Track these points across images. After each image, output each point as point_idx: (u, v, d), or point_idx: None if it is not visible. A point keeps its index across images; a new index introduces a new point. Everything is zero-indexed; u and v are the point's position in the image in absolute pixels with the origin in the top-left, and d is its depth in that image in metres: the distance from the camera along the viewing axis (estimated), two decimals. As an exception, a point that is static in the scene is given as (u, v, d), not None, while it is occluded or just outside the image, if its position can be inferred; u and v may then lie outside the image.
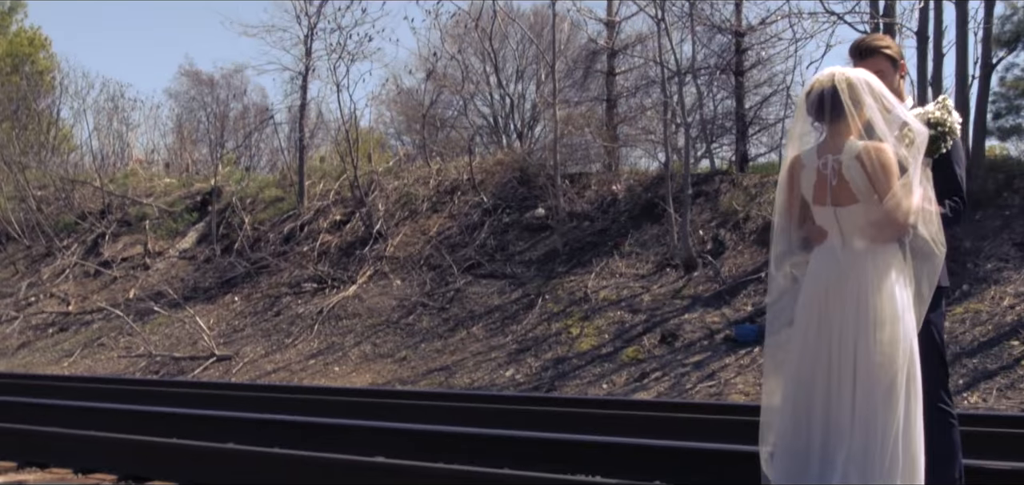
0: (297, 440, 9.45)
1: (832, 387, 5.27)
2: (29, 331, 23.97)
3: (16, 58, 39.64)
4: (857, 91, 5.31)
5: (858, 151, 5.25)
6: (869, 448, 5.16)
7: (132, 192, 28.81)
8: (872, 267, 5.30)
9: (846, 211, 5.31)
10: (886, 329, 5.23)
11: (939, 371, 5.67)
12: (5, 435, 10.06)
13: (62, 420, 11.39)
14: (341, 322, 19.95)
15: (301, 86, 25.07)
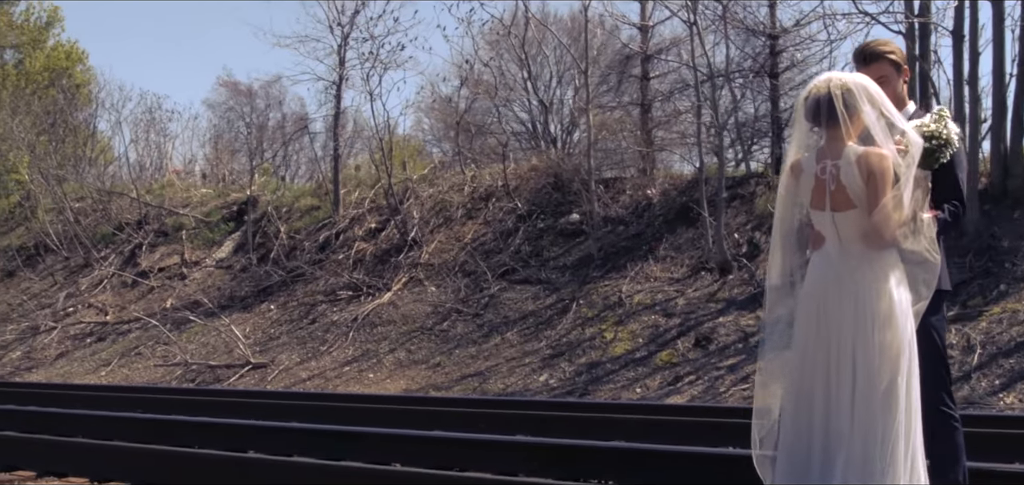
0: (313, 447, 9.47)
1: (831, 391, 5.29)
2: (68, 341, 24.12)
3: (53, 72, 40.02)
4: (854, 97, 5.30)
5: (857, 156, 5.25)
6: (868, 451, 5.17)
7: (169, 203, 28.94)
8: (869, 271, 5.31)
9: (843, 216, 5.32)
10: (884, 333, 5.24)
11: (941, 374, 5.65)
12: (25, 444, 10.11)
13: (87, 429, 11.44)
14: (376, 329, 19.96)
15: (335, 95, 25.14)
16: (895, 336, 5.24)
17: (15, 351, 24.45)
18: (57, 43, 43.84)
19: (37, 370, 22.82)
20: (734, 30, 19.41)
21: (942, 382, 5.64)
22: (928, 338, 5.52)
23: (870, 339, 5.24)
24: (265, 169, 32.57)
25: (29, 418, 12.62)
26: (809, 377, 5.36)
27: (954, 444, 5.63)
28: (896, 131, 5.34)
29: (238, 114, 42.48)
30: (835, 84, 5.33)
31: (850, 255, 5.33)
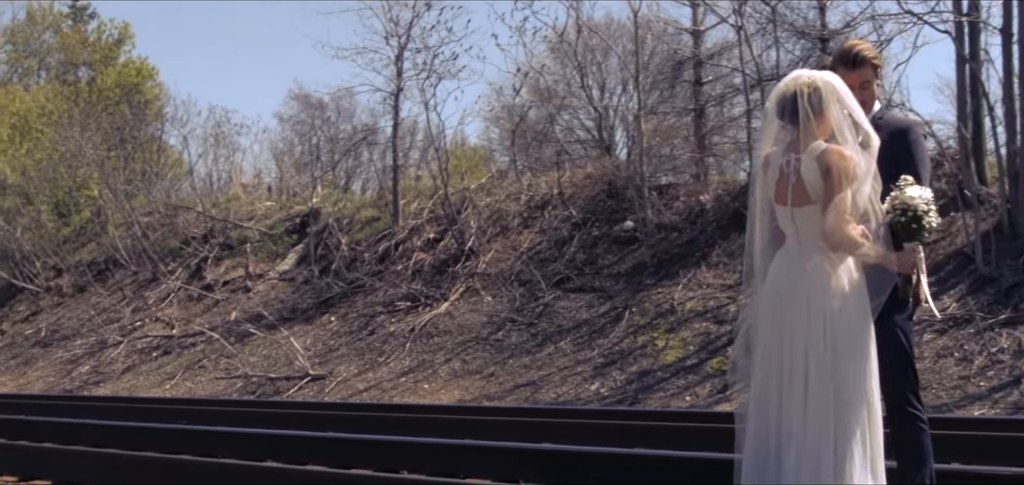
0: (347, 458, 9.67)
1: (784, 390, 5.30)
2: (134, 355, 24.56)
3: (124, 88, 40.72)
4: (821, 96, 5.33)
5: (818, 152, 5.27)
6: (820, 450, 5.19)
7: (234, 216, 29.35)
8: (824, 270, 5.32)
9: (802, 212, 5.34)
10: (837, 332, 5.25)
11: (908, 375, 5.66)
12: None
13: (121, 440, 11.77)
14: (432, 339, 20.13)
15: (393, 106, 25.35)
16: (848, 336, 5.26)
17: (84, 365, 24.94)
18: (128, 59, 44.71)
19: (105, 384, 23.27)
20: (784, 32, 19.30)
21: (908, 383, 5.66)
22: (894, 339, 5.55)
23: (823, 338, 5.27)
24: (328, 181, 32.89)
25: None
26: (767, 377, 5.40)
27: (920, 445, 5.64)
28: (861, 131, 5.37)
29: (309, 126, 42.97)
30: (804, 83, 5.37)
31: (807, 253, 5.36)
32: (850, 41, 6.17)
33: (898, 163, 5.61)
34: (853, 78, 5.69)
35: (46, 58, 46.20)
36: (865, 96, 5.68)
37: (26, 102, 36.92)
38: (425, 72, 23.37)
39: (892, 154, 5.54)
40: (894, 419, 5.66)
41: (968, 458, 8.50)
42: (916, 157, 5.68)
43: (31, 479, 10.10)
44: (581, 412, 13.95)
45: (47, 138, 34.16)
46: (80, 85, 42.36)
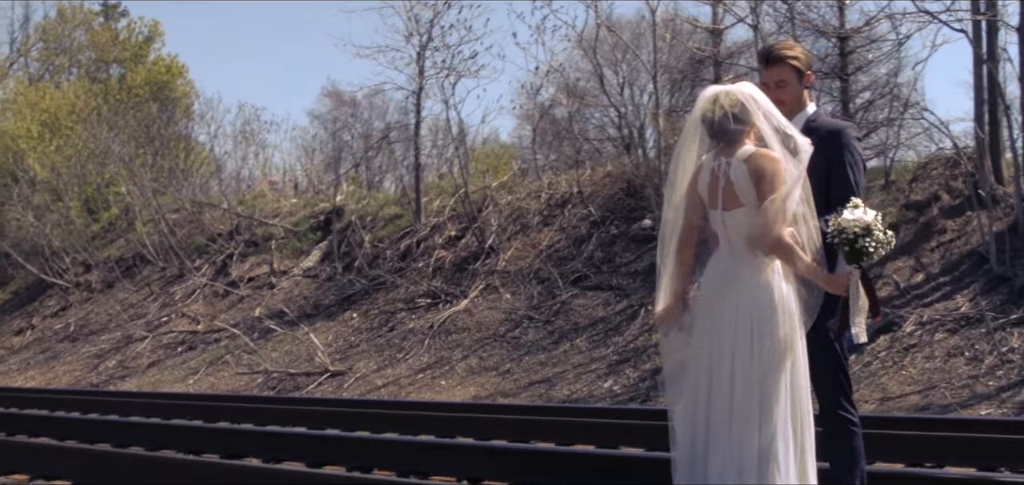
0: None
1: (713, 390, 5.36)
2: (160, 350, 24.82)
3: (154, 85, 41.05)
4: (747, 112, 5.38)
5: (747, 156, 5.32)
6: (744, 452, 5.23)
7: (259, 213, 29.58)
8: (753, 273, 5.37)
9: (731, 215, 5.40)
10: (763, 335, 5.29)
11: (839, 378, 5.72)
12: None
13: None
14: (451, 336, 20.28)
15: (415, 105, 25.51)
16: (775, 339, 5.30)
17: (110, 360, 25.22)
18: (158, 57, 44.99)
19: (130, 378, 23.53)
20: (801, 31, 19.29)
21: (841, 387, 5.72)
22: (827, 344, 5.61)
23: (749, 341, 5.31)
24: (353, 178, 33.10)
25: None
26: (696, 378, 5.47)
27: (852, 448, 5.71)
28: (789, 139, 5.42)
29: (342, 124, 43.21)
30: (730, 102, 5.41)
31: (736, 257, 5.42)
32: (774, 41, 6.22)
33: (830, 165, 5.65)
34: (769, 76, 5.78)
35: (77, 56, 46.57)
36: (781, 95, 5.71)
37: (56, 99, 37.26)
38: (445, 71, 23.49)
39: (825, 156, 5.58)
40: (827, 422, 5.73)
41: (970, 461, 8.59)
42: (846, 159, 5.70)
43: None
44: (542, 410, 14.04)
45: (77, 135, 34.49)
46: (110, 83, 42.74)
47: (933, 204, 17.67)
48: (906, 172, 19.08)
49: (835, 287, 5.44)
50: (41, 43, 47.70)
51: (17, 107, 38.19)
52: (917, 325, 15.22)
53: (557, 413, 13.24)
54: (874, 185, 18.88)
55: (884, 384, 14.18)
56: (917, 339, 14.96)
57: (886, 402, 13.61)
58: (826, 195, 5.60)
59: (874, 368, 14.65)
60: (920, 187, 18.32)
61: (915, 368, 14.34)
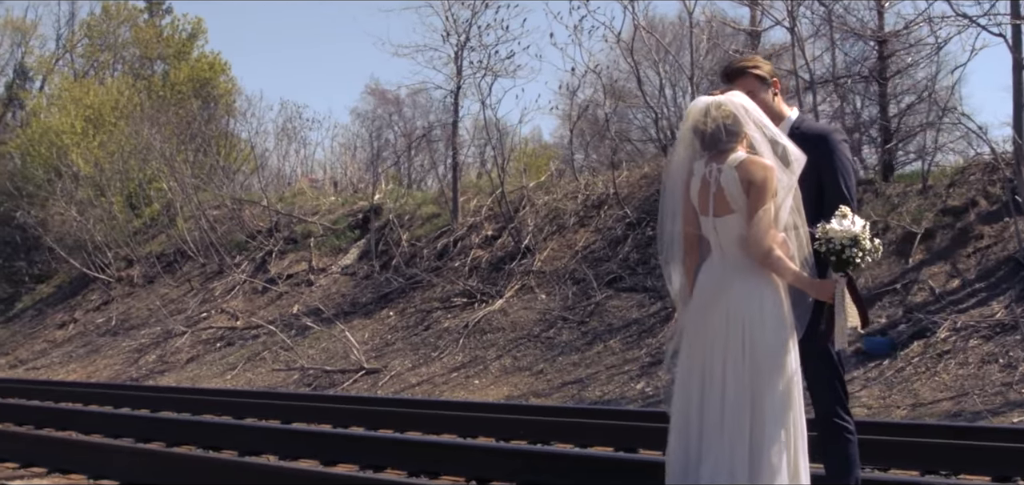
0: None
1: (705, 395, 5.40)
2: (199, 345, 25.02)
3: (197, 82, 41.36)
4: (738, 123, 5.41)
5: (739, 162, 5.35)
6: (735, 455, 5.27)
7: (298, 210, 29.76)
8: (744, 278, 5.39)
9: (722, 221, 5.43)
10: (754, 340, 5.32)
11: (835, 386, 5.74)
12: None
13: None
14: (485, 336, 20.34)
15: (453, 104, 25.59)
16: (766, 350, 5.34)
17: (150, 355, 25.45)
18: (201, 54, 45.34)
19: (169, 373, 23.74)
20: (839, 34, 19.24)
21: (836, 394, 5.74)
22: (822, 351, 5.63)
23: (741, 346, 5.35)
24: (393, 177, 33.24)
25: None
26: (688, 384, 5.52)
27: (847, 455, 5.75)
28: (778, 147, 5.44)
29: (385, 122, 43.41)
30: (723, 114, 5.43)
31: (728, 263, 5.45)
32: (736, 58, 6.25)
33: (819, 170, 5.66)
34: (735, 90, 5.78)
35: (122, 52, 46.99)
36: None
37: (100, 95, 37.61)
38: (482, 70, 23.56)
39: (813, 161, 5.59)
40: (822, 430, 5.76)
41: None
42: (836, 164, 5.70)
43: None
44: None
45: (120, 131, 34.82)
46: (153, 79, 43.11)
47: (970, 209, 17.56)
48: (944, 177, 18.98)
49: (822, 293, 5.47)
50: (86, 40, 48.16)
51: (62, 103, 38.61)
52: (951, 331, 15.14)
53: (579, 414, 13.27)
54: (911, 190, 18.81)
55: (916, 390, 14.12)
56: (951, 345, 14.88)
57: (918, 409, 13.56)
58: (818, 201, 5.61)
59: (907, 374, 14.59)
60: (957, 192, 18.21)
61: (948, 374, 14.27)
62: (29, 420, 14.14)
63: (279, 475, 8.39)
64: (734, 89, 5.73)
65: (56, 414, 14.53)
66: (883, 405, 13.84)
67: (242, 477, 8.34)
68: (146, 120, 33.51)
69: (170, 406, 16.21)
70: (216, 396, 17.54)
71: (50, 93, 44.45)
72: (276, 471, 8.75)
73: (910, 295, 16.41)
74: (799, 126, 5.85)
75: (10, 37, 51.75)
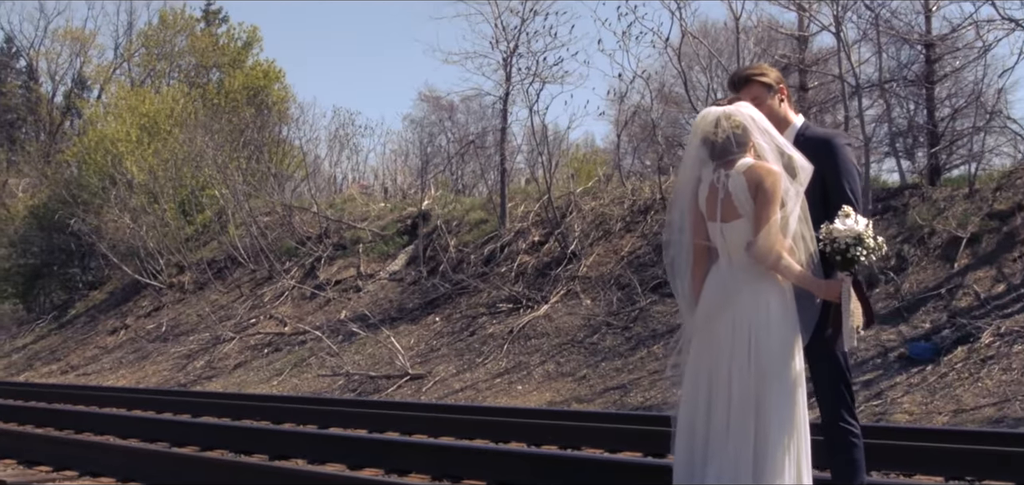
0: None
1: (712, 401, 5.42)
2: (247, 351, 25.21)
3: (251, 90, 41.71)
4: (746, 133, 5.44)
5: (747, 168, 5.36)
6: (739, 464, 5.28)
7: (348, 217, 29.92)
8: (750, 282, 5.41)
9: (730, 227, 5.45)
10: (759, 343, 5.35)
11: (841, 391, 5.73)
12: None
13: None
14: (530, 341, 20.33)
15: (502, 110, 25.63)
16: (771, 358, 5.35)
17: (198, 360, 25.67)
18: (255, 62, 45.73)
19: (216, 379, 23.93)
20: (886, 38, 19.07)
21: (842, 399, 5.74)
22: (828, 355, 5.64)
23: (747, 358, 5.38)
24: (443, 183, 33.34)
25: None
26: (696, 387, 5.53)
27: (852, 459, 5.75)
28: (784, 156, 5.45)
29: (439, 128, 43.53)
30: (731, 125, 5.46)
31: (735, 267, 5.48)
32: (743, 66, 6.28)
33: (824, 175, 5.67)
34: (739, 98, 5.81)
35: (178, 61, 47.52)
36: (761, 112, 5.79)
37: (155, 104, 38.00)
38: (530, 77, 23.60)
39: (817, 166, 5.61)
40: (829, 434, 5.76)
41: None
42: (840, 167, 5.72)
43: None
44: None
45: (174, 139, 35.16)
46: (209, 87, 43.53)
47: (1017, 213, 17.35)
48: (991, 181, 18.76)
49: (828, 294, 5.48)
50: (143, 49, 48.74)
51: (118, 111, 39.03)
52: (995, 336, 14.94)
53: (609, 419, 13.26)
54: (957, 194, 18.62)
55: (959, 396, 13.95)
56: (995, 350, 14.68)
57: (960, 414, 13.39)
58: (823, 204, 5.63)
59: (949, 379, 14.42)
60: (1004, 196, 17.99)
61: (991, 380, 14.08)
62: (68, 424, 14.31)
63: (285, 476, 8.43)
64: (741, 97, 5.77)
65: (92, 418, 14.69)
66: (925, 411, 13.69)
67: (269, 479, 8.40)
68: (199, 128, 33.80)
69: (211, 411, 16.32)
70: (254, 401, 17.65)
71: (107, 102, 44.99)
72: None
73: (954, 300, 16.22)
74: (804, 132, 5.90)
75: (69, 47, 52.55)
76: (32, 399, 20.31)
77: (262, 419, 15.22)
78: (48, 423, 14.64)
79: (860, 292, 5.55)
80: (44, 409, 16.70)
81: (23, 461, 10.71)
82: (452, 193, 32.38)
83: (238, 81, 42.58)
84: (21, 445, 11.19)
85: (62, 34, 53.04)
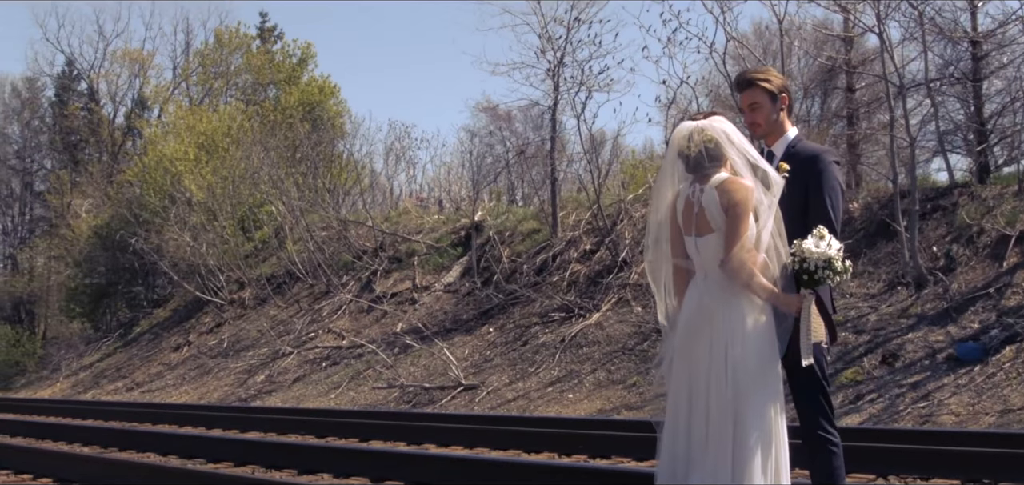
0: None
1: (692, 412, 5.51)
2: (305, 365, 25.54)
3: (307, 106, 42.15)
4: (720, 147, 5.52)
5: (720, 182, 5.46)
6: (719, 465, 5.39)
7: (403, 229, 30.19)
8: (725, 294, 5.49)
9: (704, 241, 5.55)
10: (739, 371, 5.42)
11: (819, 400, 5.80)
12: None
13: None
14: (581, 350, 20.46)
15: (550, 120, 25.80)
16: (747, 361, 5.44)
17: (259, 375, 26.03)
18: (311, 78, 46.19)
19: (276, 393, 24.25)
20: (931, 36, 19.00)
21: (821, 407, 5.83)
22: (806, 366, 5.70)
23: (724, 374, 5.47)
24: (498, 194, 33.54)
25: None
26: (677, 400, 5.63)
27: (831, 467, 5.85)
28: (759, 171, 5.54)
29: (497, 138, 43.72)
30: (704, 139, 5.55)
31: (710, 281, 5.57)
32: (748, 67, 6.35)
33: (808, 188, 5.76)
34: (743, 100, 5.95)
35: (234, 79, 48.09)
36: (756, 117, 5.91)
37: (212, 122, 38.53)
38: (576, 86, 23.75)
39: (803, 181, 5.70)
40: (807, 442, 5.85)
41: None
42: (823, 183, 5.80)
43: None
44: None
45: (232, 156, 35.63)
46: (265, 104, 44.03)
47: (1066, 211, 17.27)
48: (1039, 178, 18.67)
49: (789, 306, 5.56)
50: (200, 68, 49.38)
51: (176, 130, 39.63)
52: (1043, 335, 14.90)
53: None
54: (1007, 192, 18.53)
55: (1006, 396, 13.91)
56: (1043, 350, 14.64)
57: (1007, 415, 13.36)
58: (803, 217, 5.72)
59: (997, 380, 14.38)
60: (1053, 194, 17.91)
61: (1039, 380, 14.04)
62: (118, 444, 14.60)
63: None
64: (743, 100, 5.89)
65: (129, 435, 14.96)
66: (971, 412, 13.67)
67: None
68: (256, 145, 34.25)
69: (261, 427, 16.59)
70: (305, 416, 17.91)
71: (165, 121, 45.65)
72: None
73: (1003, 299, 16.15)
74: (794, 145, 5.99)
75: (128, 68, 53.37)
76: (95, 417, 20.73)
77: (309, 433, 15.47)
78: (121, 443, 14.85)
79: (822, 309, 5.67)
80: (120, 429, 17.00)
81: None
82: (507, 203, 32.57)
83: (294, 97, 43.06)
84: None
85: (121, 56, 53.92)
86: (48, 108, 57.96)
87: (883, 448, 9.62)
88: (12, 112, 58.97)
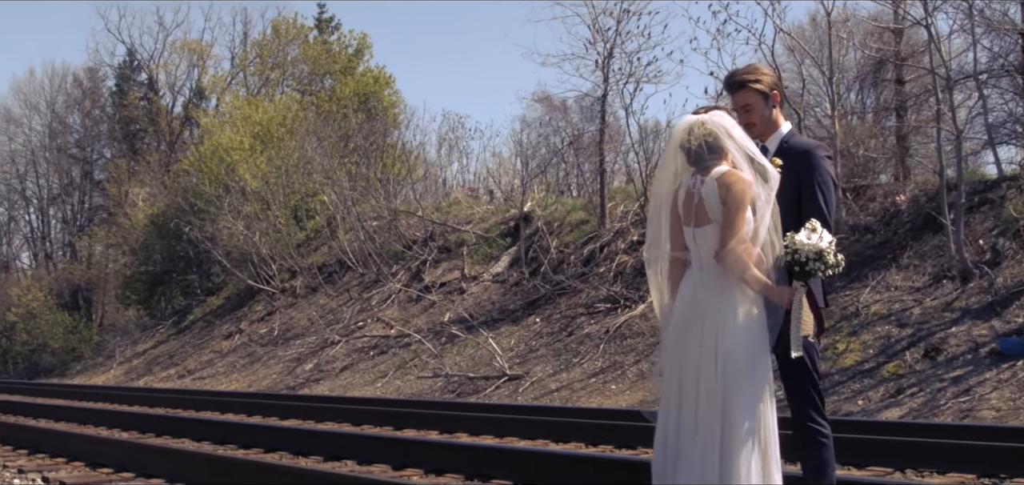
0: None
1: (682, 402, 5.52)
2: (354, 354, 25.73)
3: (362, 96, 42.36)
4: (719, 140, 5.53)
5: (720, 175, 5.47)
6: (707, 457, 5.39)
7: (453, 220, 30.30)
8: (718, 285, 5.49)
9: (701, 232, 5.55)
10: (728, 364, 5.41)
11: (809, 392, 5.77)
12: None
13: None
14: (625, 341, 20.47)
15: (600, 111, 25.79)
16: (736, 352, 5.45)
17: (307, 363, 26.27)
18: (366, 69, 46.41)
19: (324, 382, 24.47)
20: (981, 28, 18.81)
21: (811, 399, 5.80)
22: (797, 358, 5.69)
23: (714, 367, 5.47)
24: (550, 183, 33.55)
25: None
26: (669, 391, 5.65)
27: (821, 459, 5.82)
28: (756, 163, 5.55)
29: (553, 128, 43.72)
30: (704, 132, 5.57)
31: (706, 273, 5.58)
32: (738, 68, 6.31)
33: (801, 183, 5.76)
34: (735, 102, 5.95)
35: (291, 69, 48.43)
36: (749, 118, 5.88)
37: (268, 112, 38.82)
38: (625, 78, 23.74)
39: (795, 175, 5.70)
40: (798, 434, 5.84)
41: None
42: (815, 178, 5.79)
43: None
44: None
45: (286, 146, 35.90)
46: (321, 94, 44.30)
47: (1113, 204, 17.04)
48: (1086, 171, 18.44)
49: (780, 299, 5.57)
50: (257, 58, 49.77)
51: (232, 120, 39.96)
52: (1085, 330, 14.73)
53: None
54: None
55: (1046, 391, 13.79)
56: (1084, 345, 14.48)
57: (1045, 410, 13.26)
58: (797, 211, 5.72)
59: (1037, 374, 14.26)
60: (1101, 187, 17.68)
61: (1079, 375, 13.90)
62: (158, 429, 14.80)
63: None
64: (735, 101, 5.91)
65: (165, 421, 15.13)
66: (1012, 407, 13.55)
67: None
68: (309, 135, 34.49)
69: (299, 415, 16.73)
70: (343, 404, 18.03)
71: (222, 111, 46.07)
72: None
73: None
74: (788, 140, 5.98)
75: (187, 58, 53.89)
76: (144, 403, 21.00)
77: (345, 421, 15.60)
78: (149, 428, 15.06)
79: (812, 302, 5.68)
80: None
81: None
82: (557, 194, 32.57)
83: (349, 87, 43.27)
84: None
85: (180, 46, 54.44)
86: (108, 98, 58.71)
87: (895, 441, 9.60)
88: (73, 102, 59.80)
